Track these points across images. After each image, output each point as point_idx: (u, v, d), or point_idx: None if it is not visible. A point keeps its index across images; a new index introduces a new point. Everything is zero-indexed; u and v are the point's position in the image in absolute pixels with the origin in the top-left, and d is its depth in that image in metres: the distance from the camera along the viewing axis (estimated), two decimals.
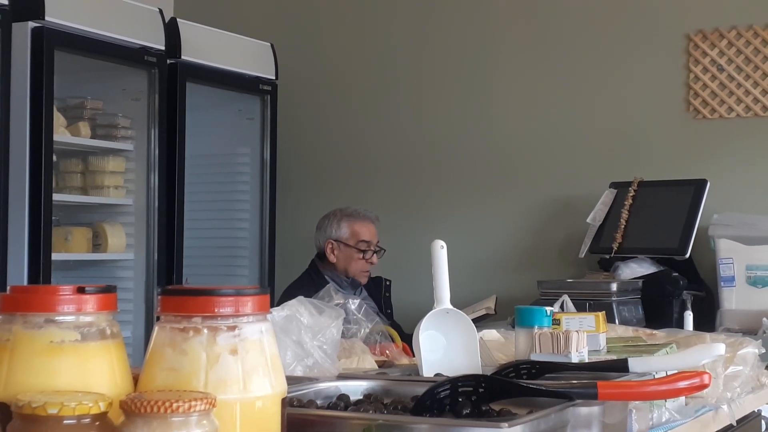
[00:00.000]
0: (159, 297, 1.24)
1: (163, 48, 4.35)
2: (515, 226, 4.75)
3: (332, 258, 4.12)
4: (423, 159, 4.97)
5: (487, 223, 4.80)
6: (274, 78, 4.97)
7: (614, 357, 2.11)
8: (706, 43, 4.45)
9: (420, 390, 1.56)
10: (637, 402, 1.80)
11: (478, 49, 4.87)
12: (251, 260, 4.97)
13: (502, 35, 4.83)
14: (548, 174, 4.69)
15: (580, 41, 4.67)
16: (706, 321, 3.86)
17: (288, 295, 3.47)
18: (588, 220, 4.35)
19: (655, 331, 2.74)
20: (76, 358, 1.17)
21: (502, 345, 2.40)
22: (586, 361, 2.03)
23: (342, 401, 1.67)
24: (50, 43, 3.89)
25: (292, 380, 1.49)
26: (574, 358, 1.99)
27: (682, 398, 2.09)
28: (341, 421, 1.45)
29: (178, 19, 4.54)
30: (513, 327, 2.24)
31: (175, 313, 1.21)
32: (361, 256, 4.11)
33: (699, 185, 4.19)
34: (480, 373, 1.87)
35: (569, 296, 3.27)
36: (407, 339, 2.29)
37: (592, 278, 4.17)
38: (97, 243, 4.35)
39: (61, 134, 4.10)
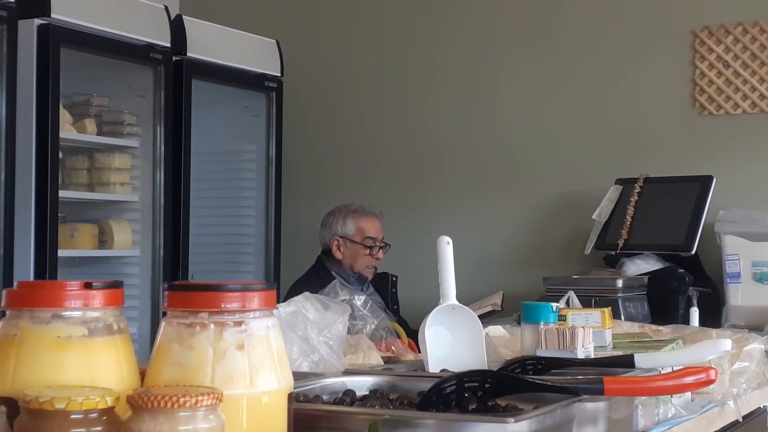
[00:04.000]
0: (166, 293, 1.24)
1: (168, 45, 4.36)
2: (521, 223, 4.75)
3: (338, 255, 4.13)
4: (428, 155, 4.97)
5: (493, 219, 4.80)
6: (279, 75, 4.98)
7: (620, 353, 2.11)
8: (712, 40, 4.44)
9: (426, 385, 1.56)
10: (643, 397, 1.80)
11: (483, 45, 4.87)
12: (257, 256, 4.98)
13: (507, 32, 4.83)
14: (554, 170, 4.69)
15: (585, 38, 4.67)
16: (712, 317, 3.85)
17: (294, 291, 3.48)
18: (594, 217, 4.34)
19: (660, 327, 2.73)
20: (83, 353, 1.18)
21: (508, 341, 2.40)
22: (592, 356, 2.03)
23: (348, 397, 1.67)
24: (56, 40, 3.90)
25: (298, 376, 1.49)
26: (580, 354, 1.99)
27: (688, 394, 2.09)
28: (347, 416, 1.45)
29: (183, 16, 4.55)
30: (519, 323, 2.24)
31: (182, 309, 1.21)
32: (367, 252, 4.12)
33: (705, 181, 4.18)
34: (486, 368, 1.87)
35: (575, 292, 3.26)
36: (413, 335, 2.30)
37: (597, 274, 4.17)
38: (103, 239, 4.36)
39: (67, 131, 4.11)
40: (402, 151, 5.03)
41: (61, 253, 3.96)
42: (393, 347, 2.34)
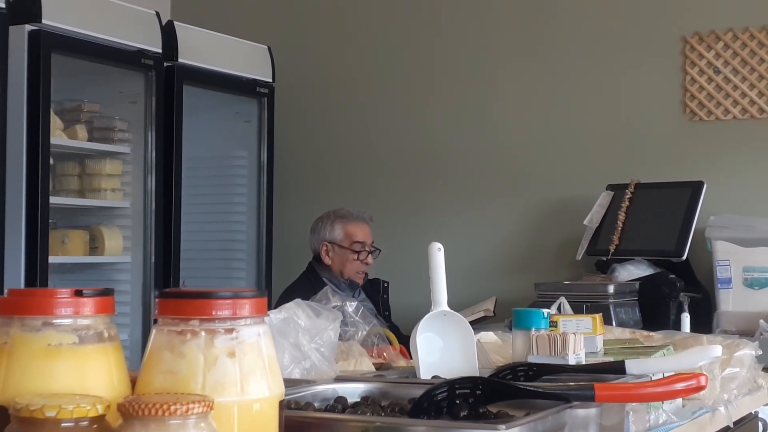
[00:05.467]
0: (156, 300, 1.24)
1: (160, 51, 4.35)
2: (512, 229, 4.76)
3: (327, 260, 4.12)
4: (420, 161, 4.97)
5: (485, 225, 4.80)
6: (271, 80, 4.98)
7: (611, 359, 2.11)
8: (703, 46, 4.46)
9: (417, 392, 1.57)
10: (634, 404, 1.80)
11: (476, 52, 4.88)
12: (248, 263, 4.97)
13: (500, 38, 4.84)
14: (545, 176, 4.70)
15: (576, 44, 4.68)
16: (703, 323, 3.86)
17: (285, 297, 3.48)
18: (585, 222, 4.35)
19: (652, 333, 2.74)
20: (73, 361, 1.17)
21: (500, 347, 2.41)
22: (583, 363, 2.03)
23: (339, 404, 1.67)
24: (47, 46, 3.89)
25: (289, 383, 1.49)
26: (571, 360, 2.00)
27: (679, 400, 2.09)
28: (339, 423, 1.45)
29: (175, 22, 4.54)
30: (510, 329, 2.24)
31: (173, 316, 1.21)
32: (355, 256, 4.11)
33: (696, 187, 4.19)
34: (477, 375, 1.87)
35: (566, 298, 3.27)
36: (405, 341, 2.30)
37: (589, 280, 4.18)
38: (94, 246, 4.35)
39: (58, 137, 4.10)
40: (394, 157, 5.03)
41: (52, 259, 3.95)
42: (384, 354, 2.34)
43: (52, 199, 3.99)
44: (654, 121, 4.53)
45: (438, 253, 2.02)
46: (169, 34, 4.43)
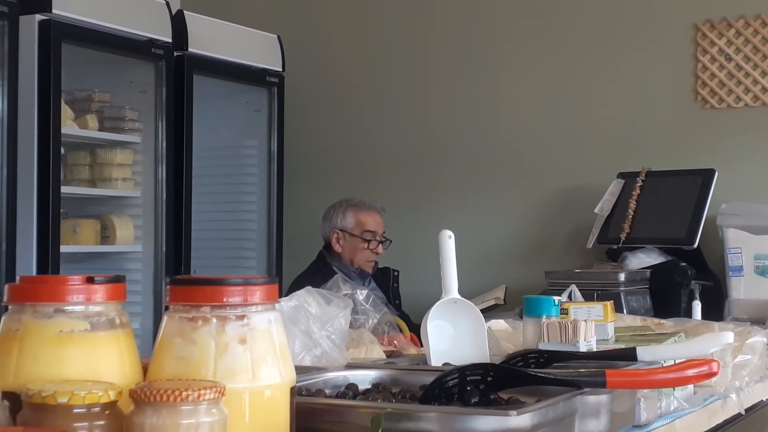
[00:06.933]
0: (168, 287, 1.24)
1: (170, 40, 4.35)
2: (523, 217, 4.75)
3: (338, 248, 4.12)
4: (430, 150, 4.97)
5: (495, 213, 4.80)
6: (281, 70, 4.97)
7: (622, 346, 2.11)
8: (714, 33, 4.44)
9: (428, 379, 1.57)
10: (645, 390, 1.80)
11: (485, 39, 4.87)
12: (258, 252, 4.98)
13: (509, 26, 4.82)
14: (556, 164, 4.69)
15: (587, 31, 4.66)
16: (715, 311, 3.85)
17: (296, 286, 3.47)
18: (596, 211, 4.34)
19: (663, 321, 2.73)
20: (85, 347, 1.18)
21: (510, 335, 2.40)
22: (594, 350, 2.03)
23: (350, 390, 1.67)
24: (57, 35, 3.89)
25: (300, 370, 1.50)
26: (582, 347, 1.99)
27: (691, 387, 2.08)
28: (350, 410, 1.45)
29: (184, 12, 4.55)
30: (521, 317, 2.24)
31: (184, 303, 1.21)
32: (366, 245, 4.11)
33: (707, 175, 4.18)
34: (488, 362, 1.87)
35: (577, 287, 3.26)
36: (415, 329, 2.30)
37: (599, 268, 4.17)
38: (105, 235, 4.36)
39: (68, 127, 4.11)
40: (404, 146, 5.03)
41: (63, 248, 3.96)
42: (395, 341, 2.35)
43: (64, 189, 4.00)
44: (665, 108, 4.51)
45: (449, 241, 2.02)
46: (179, 23, 4.44)
